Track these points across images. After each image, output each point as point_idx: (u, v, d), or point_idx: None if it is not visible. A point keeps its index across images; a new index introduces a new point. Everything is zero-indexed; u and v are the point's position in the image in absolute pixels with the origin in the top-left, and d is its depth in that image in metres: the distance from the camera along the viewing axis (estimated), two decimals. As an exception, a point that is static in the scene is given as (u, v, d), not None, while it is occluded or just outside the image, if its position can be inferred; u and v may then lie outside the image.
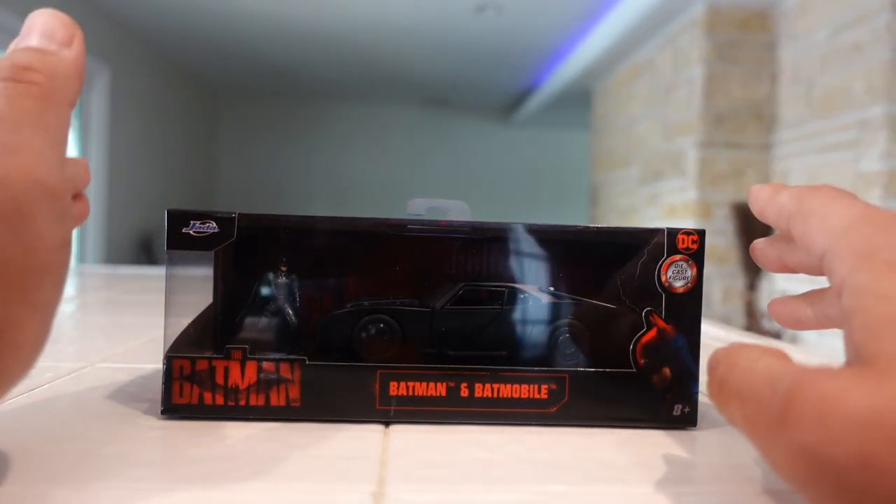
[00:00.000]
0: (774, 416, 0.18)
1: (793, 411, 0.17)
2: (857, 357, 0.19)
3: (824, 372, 0.17)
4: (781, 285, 2.76)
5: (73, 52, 0.23)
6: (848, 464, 0.16)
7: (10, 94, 0.21)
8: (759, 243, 0.30)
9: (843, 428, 0.16)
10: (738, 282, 2.97)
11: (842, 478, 0.16)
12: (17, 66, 0.22)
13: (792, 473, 0.18)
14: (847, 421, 0.16)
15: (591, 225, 0.31)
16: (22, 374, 0.21)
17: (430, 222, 0.30)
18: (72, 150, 3.67)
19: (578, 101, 4.80)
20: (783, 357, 0.20)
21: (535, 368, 0.30)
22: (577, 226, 0.31)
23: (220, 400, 0.29)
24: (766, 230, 2.80)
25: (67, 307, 0.71)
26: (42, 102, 0.21)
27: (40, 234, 0.20)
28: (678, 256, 0.30)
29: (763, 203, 0.27)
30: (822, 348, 2.44)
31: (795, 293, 0.30)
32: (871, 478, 0.16)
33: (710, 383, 0.22)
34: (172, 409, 0.29)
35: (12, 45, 0.23)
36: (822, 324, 0.28)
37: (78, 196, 0.29)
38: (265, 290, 0.30)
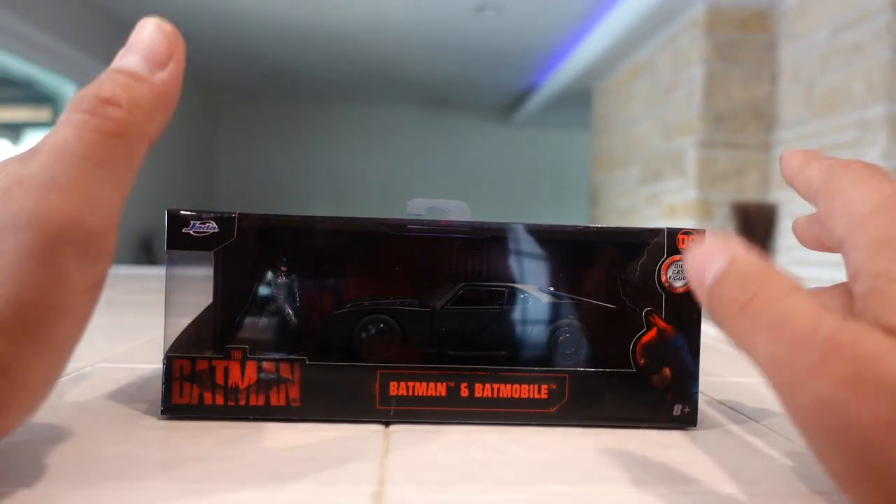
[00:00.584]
0: (810, 362, 0.17)
1: (830, 362, 0.17)
2: (875, 324, 0.19)
3: (861, 329, 0.18)
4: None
5: (165, 76, 0.22)
6: (874, 425, 0.16)
7: (82, 128, 0.20)
8: (800, 220, 0.28)
9: (876, 390, 0.16)
10: (738, 282, 2.97)
11: (864, 438, 0.16)
12: (99, 98, 0.21)
13: (814, 423, 0.18)
14: (880, 383, 0.16)
15: (591, 225, 0.31)
16: (27, 413, 0.20)
17: (430, 222, 0.30)
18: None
19: (578, 101, 4.80)
20: (811, 295, 0.19)
21: (535, 368, 0.30)
22: (577, 226, 0.31)
23: (220, 400, 0.29)
24: (766, 231, 2.80)
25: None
26: (113, 139, 0.21)
27: (68, 274, 0.19)
28: (678, 256, 0.30)
29: (793, 172, 0.26)
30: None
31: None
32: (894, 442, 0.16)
33: (726, 304, 0.20)
34: (172, 409, 0.29)
35: (116, 58, 0.23)
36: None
37: None
38: (265, 290, 0.30)
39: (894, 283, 0.19)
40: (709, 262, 0.20)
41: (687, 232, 0.30)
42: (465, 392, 0.30)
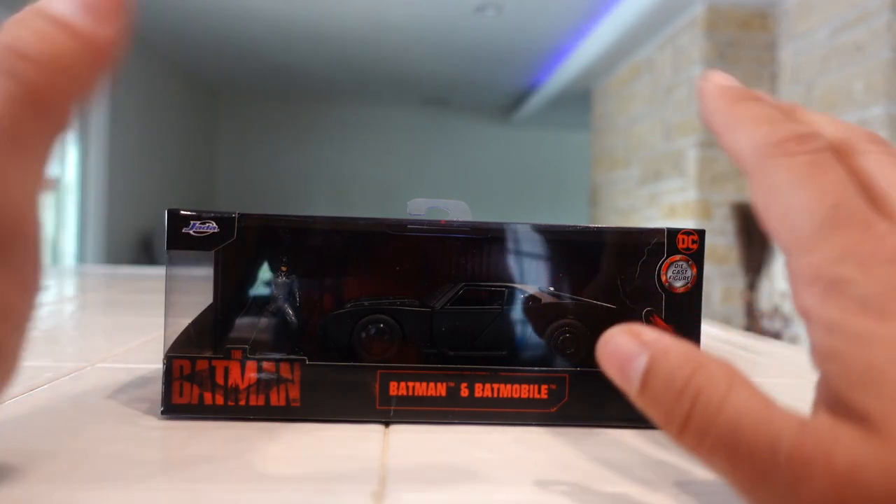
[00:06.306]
0: (781, 485, 0.16)
1: (804, 485, 0.16)
2: (838, 403, 0.17)
3: (827, 436, 0.16)
4: (783, 285, 2.76)
5: (103, 30, 0.17)
6: None
7: None
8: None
9: None
10: (738, 282, 2.97)
11: None
12: (12, 49, 0.16)
13: None
14: (866, 499, 0.15)
15: (591, 225, 0.31)
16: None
17: (430, 222, 0.30)
18: (71, 152, 3.68)
19: (578, 101, 4.80)
20: (756, 392, 0.17)
21: (535, 368, 0.30)
22: (577, 226, 0.31)
23: (220, 400, 0.29)
24: (766, 232, 2.80)
25: (67, 307, 0.71)
26: (25, 109, 0.16)
27: None
28: (678, 256, 0.30)
29: (719, 127, 0.21)
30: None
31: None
32: None
33: (664, 418, 0.18)
34: (172, 409, 0.29)
35: None
36: None
37: None
38: (265, 290, 0.30)
39: (856, 344, 0.17)
40: (628, 361, 0.18)
41: (687, 232, 0.31)
42: (465, 392, 0.30)
